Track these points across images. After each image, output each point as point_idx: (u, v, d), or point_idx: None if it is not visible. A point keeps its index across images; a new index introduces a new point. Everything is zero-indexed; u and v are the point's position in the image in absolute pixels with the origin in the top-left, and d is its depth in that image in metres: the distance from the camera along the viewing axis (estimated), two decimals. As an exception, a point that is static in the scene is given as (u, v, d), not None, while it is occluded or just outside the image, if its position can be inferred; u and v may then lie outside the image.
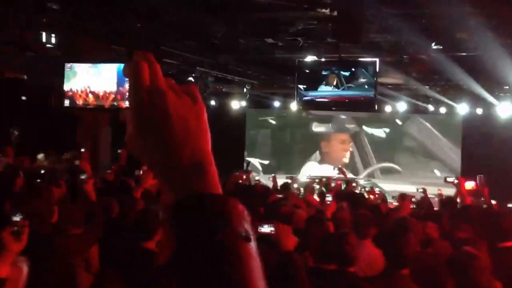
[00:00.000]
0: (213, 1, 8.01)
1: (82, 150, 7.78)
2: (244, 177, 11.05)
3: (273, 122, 18.98)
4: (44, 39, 8.25)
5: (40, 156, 9.18)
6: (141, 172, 6.63)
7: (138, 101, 0.84)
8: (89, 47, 9.13)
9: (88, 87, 8.23)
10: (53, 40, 8.33)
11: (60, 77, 8.50)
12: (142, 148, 0.85)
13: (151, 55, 0.87)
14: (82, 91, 8.27)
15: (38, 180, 5.99)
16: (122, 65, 7.95)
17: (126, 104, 0.86)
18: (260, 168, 18.26)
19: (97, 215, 4.77)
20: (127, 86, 0.86)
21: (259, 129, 19.12)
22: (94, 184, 5.56)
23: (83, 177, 5.27)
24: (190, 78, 11.83)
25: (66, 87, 8.40)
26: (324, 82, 10.17)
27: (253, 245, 0.80)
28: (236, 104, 16.66)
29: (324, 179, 12.04)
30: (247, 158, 18.43)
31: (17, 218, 2.99)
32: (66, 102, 8.41)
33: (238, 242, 0.78)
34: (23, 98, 13.91)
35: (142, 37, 9.01)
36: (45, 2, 7.68)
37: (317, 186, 10.72)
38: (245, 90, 14.41)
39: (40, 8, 7.74)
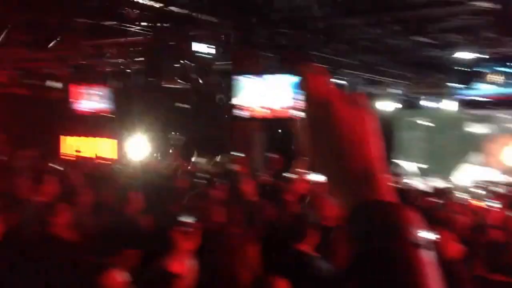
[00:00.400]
0: (360, 3, 7.93)
1: (240, 154, 8.13)
2: (393, 180, 10.70)
3: (425, 123, 18.18)
4: (204, 51, 8.82)
5: (202, 159, 9.81)
6: (294, 176, 6.76)
7: (309, 112, 0.89)
8: (249, 58, 9.50)
9: (255, 98, 8.53)
10: (212, 51, 8.87)
11: (226, 88, 8.95)
12: (314, 157, 0.89)
13: (322, 67, 0.91)
14: (250, 104, 8.62)
15: (201, 182, 6.39)
16: (289, 76, 8.21)
17: (295, 114, 0.90)
18: (411, 171, 17.57)
19: (256, 216, 4.97)
20: (298, 97, 0.90)
21: (410, 130, 18.44)
22: (253, 186, 5.80)
23: (242, 179, 5.51)
24: (342, 82, 11.82)
25: (235, 99, 8.84)
26: (483, 80, 9.51)
27: (426, 252, 0.79)
28: (386, 106, 16.27)
29: (489, 184, 11.19)
30: (395, 161, 17.86)
31: (188, 219, 3.24)
32: (235, 112, 8.85)
33: (410, 249, 0.78)
34: (185, 106, 15.01)
35: (292, 43, 9.21)
36: (202, 15, 8.22)
37: (481, 191, 9.99)
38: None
39: (198, 21, 8.30)
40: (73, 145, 15.11)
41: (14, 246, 4.11)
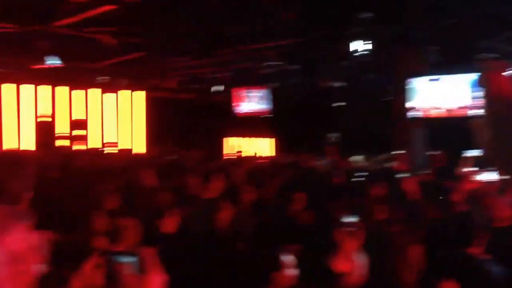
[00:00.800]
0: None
1: (400, 151, 7.85)
2: None
3: None
4: (360, 48, 8.68)
5: (359, 157, 9.67)
6: (461, 175, 6.36)
7: (490, 110, 0.83)
8: (410, 55, 9.10)
9: (428, 99, 8.22)
10: (369, 48, 8.69)
11: (385, 86, 8.65)
12: (496, 155, 0.84)
13: (503, 63, 0.84)
14: (421, 104, 8.34)
15: (360, 180, 6.32)
16: (460, 75, 7.81)
17: (472, 112, 0.85)
18: None
19: (418, 215, 4.79)
20: (478, 94, 0.85)
21: None
22: (414, 184, 5.59)
23: (402, 176, 5.35)
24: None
25: (409, 102, 8.62)
26: None
27: None
28: None
29: None
30: None
31: (352, 219, 3.27)
32: (409, 114, 8.67)
33: None
34: (342, 104, 14.99)
35: (455, 34, 8.63)
36: (356, 13, 8.08)
37: None
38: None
39: (352, 19, 8.18)
40: (235, 145, 15.91)
41: (185, 238, 4.45)
